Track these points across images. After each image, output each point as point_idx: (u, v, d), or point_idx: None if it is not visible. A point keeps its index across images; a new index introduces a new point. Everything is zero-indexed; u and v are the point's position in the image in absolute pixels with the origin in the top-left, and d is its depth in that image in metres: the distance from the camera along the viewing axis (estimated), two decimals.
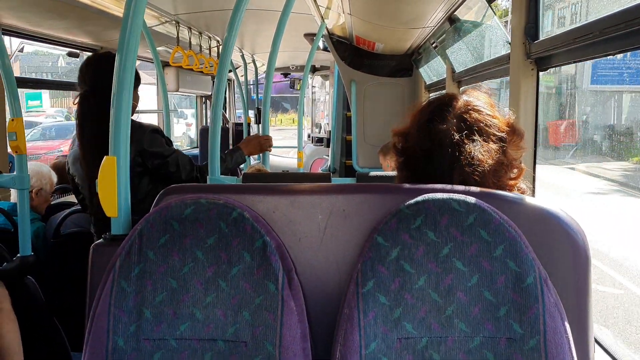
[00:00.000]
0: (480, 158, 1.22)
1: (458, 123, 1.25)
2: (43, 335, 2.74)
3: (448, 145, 1.24)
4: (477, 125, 1.25)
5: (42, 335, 2.73)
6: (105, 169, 1.36)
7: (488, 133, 1.24)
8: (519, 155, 1.29)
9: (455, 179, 1.22)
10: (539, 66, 1.98)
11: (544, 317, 1.06)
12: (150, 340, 1.14)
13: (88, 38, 4.45)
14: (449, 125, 1.25)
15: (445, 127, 1.25)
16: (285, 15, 2.93)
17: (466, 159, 1.22)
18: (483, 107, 1.27)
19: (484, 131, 1.24)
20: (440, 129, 1.25)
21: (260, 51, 7.00)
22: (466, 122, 1.25)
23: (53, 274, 3.09)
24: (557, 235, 1.15)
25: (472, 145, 1.22)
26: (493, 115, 1.27)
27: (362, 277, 1.11)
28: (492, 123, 1.26)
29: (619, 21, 1.37)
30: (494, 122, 1.26)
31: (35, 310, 2.70)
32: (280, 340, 1.12)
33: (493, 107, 1.29)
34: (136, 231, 1.17)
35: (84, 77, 2.54)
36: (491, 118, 1.26)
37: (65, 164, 3.04)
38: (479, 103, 1.28)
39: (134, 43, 1.40)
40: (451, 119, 1.26)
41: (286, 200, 1.24)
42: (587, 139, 8.82)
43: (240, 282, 1.14)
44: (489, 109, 1.28)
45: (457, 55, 3.40)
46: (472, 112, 1.26)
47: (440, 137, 1.25)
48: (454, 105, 1.28)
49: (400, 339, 1.09)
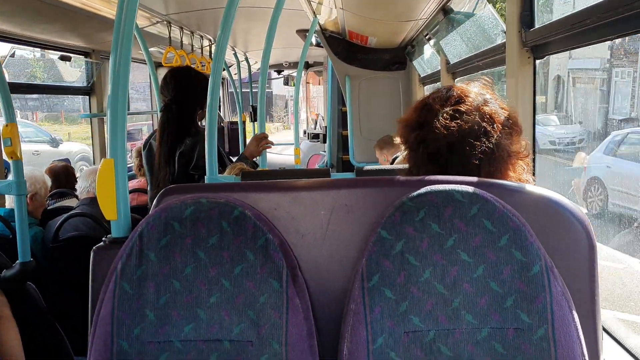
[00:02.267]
0: (509, 150, 1.23)
1: (481, 115, 1.24)
2: (45, 341, 2.73)
3: (475, 137, 1.22)
4: (497, 117, 1.24)
5: (44, 341, 2.72)
6: (103, 171, 1.35)
7: (504, 125, 1.24)
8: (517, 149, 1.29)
9: (483, 172, 1.21)
10: (535, 54, 1.97)
11: (551, 306, 1.05)
12: (155, 343, 1.13)
13: (80, 41, 4.43)
14: (472, 117, 1.24)
15: (472, 119, 1.23)
16: (277, 11, 2.92)
17: (494, 151, 1.22)
18: (493, 100, 1.27)
19: (502, 123, 1.24)
20: (467, 120, 1.23)
21: (253, 49, 6.97)
22: (486, 115, 1.24)
23: (53, 279, 3.07)
24: (561, 223, 1.14)
25: (500, 137, 1.23)
26: (502, 107, 1.27)
27: (367, 271, 1.10)
28: (504, 115, 1.26)
29: (614, 6, 1.36)
30: (505, 113, 1.26)
31: (37, 316, 2.69)
32: (287, 338, 1.11)
33: (498, 99, 1.29)
34: (136, 233, 1.16)
35: (167, 88, 2.93)
36: (503, 110, 1.26)
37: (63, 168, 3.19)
38: (489, 95, 1.28)
39: (127, 45, 1.39)
40: (472, 111, 1.24)
41: (288, 197, 1.22)
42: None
43: (244, 281, 1.13)
44: (498, 101, 1.28)
45: (452, 47, 3.39)
46: (489, 103, 1.26)
47: (466, 129, 1.23)
48: (472, 97, 1.27)
49: (407, 333, 1.08)
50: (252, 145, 3.07)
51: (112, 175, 1.35)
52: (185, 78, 2.97)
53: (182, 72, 3.04)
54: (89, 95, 4.87)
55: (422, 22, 3.79)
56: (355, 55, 5.09)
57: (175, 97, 2.91)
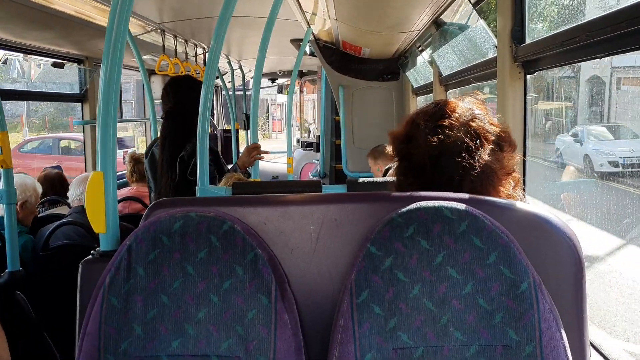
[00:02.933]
0: (493, 167, 1.22)
1: (466, 130, 1.24)
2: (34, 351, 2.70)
3: (457, 153, 1.23)
4: (482, 133, 1.24)
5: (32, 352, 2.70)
6: (92, 184, 1.35)
7: (491, 141, 1.25)
8: (513, 164, 1.29)
9: (465, 188, 1.21)
10: (526, 69, 1.98)
11: (539, 323, 1.06)
12: (143, 358, 1.12)
13: (73, 48, 4.42)
14: (457, 132, 1.24)
15: (455, 134, 1.24)
16: (271, 21, 2.93)
17: (476, 168, 1.22)
18: (484, 115, 1.27)
19: (489, 139, 1.24)
20: (449, 135, 1.24)
21: (247, 57, 6.99)
22: (472, 130, 1.24)
23: (43, 288, 3.05)
24: (550, 240, 1.14)
25: (483, 153, 1.22)
26: (492, 123, 1.27)
27: (356, 287, 1.10)
28: (494, 131, 1.26)
29: (605, 24, 1.38)
30: (495, 130, 1.26)
31: (25, 326, 2.66)
32: (275, 354, 1.11)
33: (488, 115, 1.29)
34: (125, 247, 1.15)
35: (168, 96, 3.08)
36: (492, 126, 1.26)
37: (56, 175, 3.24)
38: (478, 111, 1.28)
39: (119, 53, 1.39)
40: (458, 126, 1.25)
41: (277, 212, 1.22)
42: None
43: (232, 296, 1.12)
44: (488, 117, 1.28)
45: (444, 59, 3.41)
46: (477, 120, 1.26)
47: (447, 144, 1.24)
48: (459, 112, 1.27)
49: (395, 350, 1.08)
50: (244, 156, 3.11)
51: (101, 189, 1.35)
52: (186, 86, 3.09)
53: (183, 81, 3.16)
54: (81, 102, 4.86)
55: (415, 34, 3.81)
56: (349, 65, 5.11)
57: (176, 105, 3.04)
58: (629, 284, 2.11)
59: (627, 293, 2.06)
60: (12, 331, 2.48)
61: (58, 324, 2.74)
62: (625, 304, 2.03)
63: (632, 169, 3.12)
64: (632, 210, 2.10)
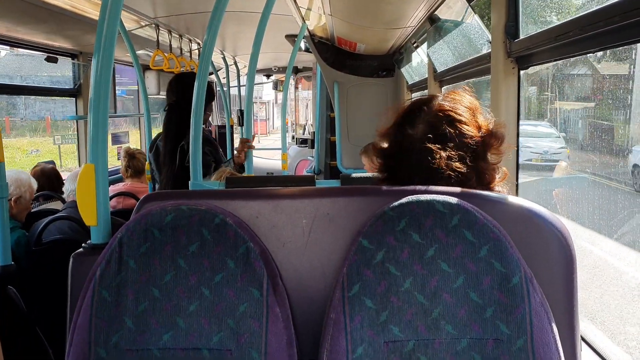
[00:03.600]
0: (442, 166, 1.22)
1: (425, 129, 1.25)
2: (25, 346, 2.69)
3: (413, 150, 1.24)
4: (444, 131, 1.24)
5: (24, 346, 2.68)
6: (84, 176, 1.34)
7: (456, 140, 1.23)
8: (498, 160, 1.28)
9: (425, 181, 1.22)
10: (519, 65, 1.98)
11: (530, 317, 1.06)
12: (133, 351, 1.12)
13: (67, 43, 4.40)
14: (416, 130, 1.25)
15: (413, 132, 1.25)
16: (265, 16, 2.92)
17: (429, 166, 1.22)
18: (458, 112, 1.26)
19: (451, 138, 1.23)
20: (407, 134, 1.26)
21: (242, 53, 6.97)
22: (433, 127, 1.24)
23: (35, 283, 3.04)
24: (542, 234, 1.14)
25: (437, 152, 1.22)
26: (467, 122, 1.25)
27: (348, 281, 1.10)
28: (463, 130, 1.24)
29: (598, 19, 1.38)
30: (466, 128, 1.24)
31: (17, 320, 2.65)
32: (266, 347, 1.11)
33: (474, 112, 1.27)
34: (116, 240, 1.14)
35: (173, 90, 3.30)
36: (464, 125, 1.24)
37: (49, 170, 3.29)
38: (455, 106, 1.26)
39: (110, 47, 1.38)
40: (420, 124, 1.26)
41: (269, 205, 1.22)
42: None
43: (224, 290, 1.12)
44: (466, 114, 1.26)
45: (439, 55, 3.40)
46: (442, 117, 1.25)
47: (407, 142, 1.26)
48: (425, 110, 1.27)
49: (387, 343, 1.08)
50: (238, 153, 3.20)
51: (92, 181, 1.34)
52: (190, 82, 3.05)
53: (187, 77, 3.25)
54: (75, 97, 4.84)
55: (410, 30, 3.81)
56: (344, 62, 5.10)
57: (180, 99, 3.19)
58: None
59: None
60: (4, 325, 2.47)
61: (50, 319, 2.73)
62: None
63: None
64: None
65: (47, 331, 2.80)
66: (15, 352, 2.60)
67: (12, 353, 2.55)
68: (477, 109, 1.28)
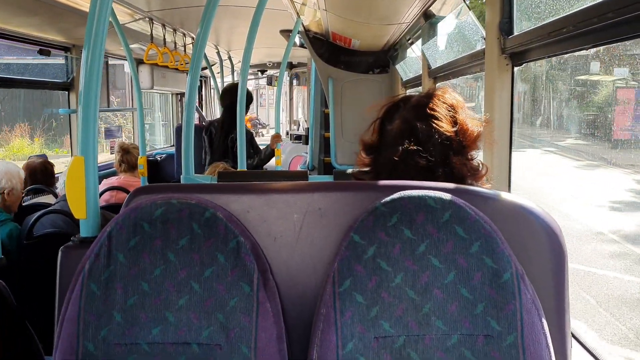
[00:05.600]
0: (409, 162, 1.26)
1: (400, 124, 1.29)
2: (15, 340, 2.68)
3: (388, 145, 1.29)
4: (417, 128, 1.27)
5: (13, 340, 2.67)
6: (73, 169, 1.33)
7: (427, 134, 1.27)
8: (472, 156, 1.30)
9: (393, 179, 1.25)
10: (513, 61, 1.98)
11: (521, 314, 1.05)
12: (122, 345, 1.11)
13: (59, 36, 4.37)
14: (393, 125, 1.30)
15: (390, 128, 1.30)
16: (259, 11, 2.91)
17: (393, 160, 1.27)
18: (432, 108, 1.29)
19: (423, 134, 1.27)
20: (386, 129, 1.32)
21: (236, 48, 6.95)
22: (407, 123, 1.29)
23: (26, 277, 3.02)
24: (533, 230, 1.14)
25: (409, 147, 1.26)
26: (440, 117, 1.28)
27: (339, 276, 1.09)
28: (435, 124, 1.27)
29: (592, 15, 1.37)
30: (437, 123, 1.27)
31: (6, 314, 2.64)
32: (256, 342, 1.10)
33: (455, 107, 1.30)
34: (105, 233, 1.13)
35: (225, 96, 4.91)
36: (436, 121, 1.27)
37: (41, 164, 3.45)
38: (434, 101, 1.30)
39: (101, 40, 1.37)
40: (396, 119, 1.31)
41: (261, 200, 1.21)
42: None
43: (213, 284, 1.11)
44: (442, 110, 1.29)
45: (433, 51, 3.40)
46: (416, 113, 1.28)
47: (385, 137, 1.31)
48: (403, 107, 1.32)
49: (377, 338, 1.07)
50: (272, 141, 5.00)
51: (82, 173, 1.33)
52: (236, 91, 4.39)
53: (234, 87, 4.69)
54: (68, 90, 4.81)
55: (404, 26, 3.80)
56: (339, 57, 5.08)
57: (230, 103, 4.64)
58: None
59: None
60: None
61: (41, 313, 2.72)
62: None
63: None
64: None
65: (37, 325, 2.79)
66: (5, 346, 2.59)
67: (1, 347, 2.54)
68: (459, 106, 1.30)
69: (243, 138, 3.34)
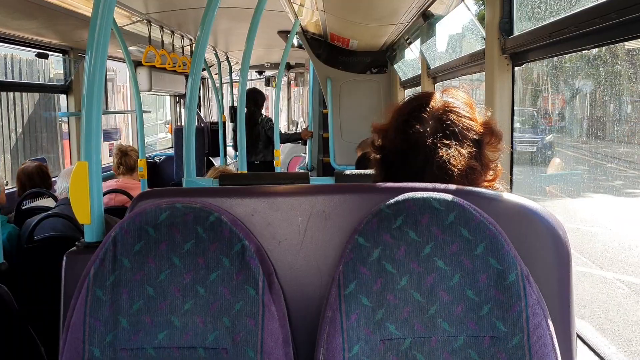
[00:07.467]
0: (453, 162, 1.21)
1: (434, 125, 1.24)
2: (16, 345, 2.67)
3: (422, 147, 1.23)
4: (453, 127, 1.23)
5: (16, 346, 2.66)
6: (77, 174, 1.32)
7: (464, 136, 1.23)
8: (496, 157, 1.28)
9: (427, 182, 1.21)
10: (514, 61, 1.98)
11: (526, 314, 1.06)
12: (128, 350, 1.11)
13: (58, 39, 4.36)
14: (425, 126, 1.24)
15: (421, 129, 1.24)
16: (258, 12, 2.91)
17: (437, 163, 1.21)
18: (461, 108, 1.25)
19: (461, 134, 1.23)
20: (416, 130, 1.24)
21: (234, 49, 6.95)
22: (443, 124, 1.23)
23: (27, 281, 3.01)
24: (538, 231, 1.14)
25: (445, 150, 1.21)
26: (471, 117, 1.25)
27: (344, 278, 1.09)
28: (469, 125, 1.24)
29: (593, 16, 1.37)
30: (471, 124, 1.24)
31: (9, 319, 2.63)
32: (262, 346, 1.10)
33: (472, 108, 1.27)
34: (110, 238, 1.13)
35: (249, 99, 5.89)
36: (469, 120, 1.24)
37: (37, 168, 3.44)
38: (457, 104, 1.26)
39: (104, 43, 1.36)
40: (428, 120, 1.25)
41: (265, 203, 1.21)
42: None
43: (219, 288, 1.11)
44: (468, 110, 1.26)
45: (432, 51, 3.40)
46: (450, 113, 1.24)
47: (415, 139, 1.24)
48: (432, 106, 1.26)
49: (383, 341, 1.07)
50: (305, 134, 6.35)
51: (85, 178, 1.33)
52: (254, 95, 6.35)
53: (257, 92, 6.43)
54: (66, 93, 4.80)
55: (402, 27, 3.80)
56: (337, 58, 5.09)
57: (255, 104, 6.20)
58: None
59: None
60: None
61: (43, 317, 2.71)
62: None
63: None
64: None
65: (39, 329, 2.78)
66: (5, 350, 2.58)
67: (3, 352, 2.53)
68: (473, 105, 1.28)
69: (243, 138, 3.33)
